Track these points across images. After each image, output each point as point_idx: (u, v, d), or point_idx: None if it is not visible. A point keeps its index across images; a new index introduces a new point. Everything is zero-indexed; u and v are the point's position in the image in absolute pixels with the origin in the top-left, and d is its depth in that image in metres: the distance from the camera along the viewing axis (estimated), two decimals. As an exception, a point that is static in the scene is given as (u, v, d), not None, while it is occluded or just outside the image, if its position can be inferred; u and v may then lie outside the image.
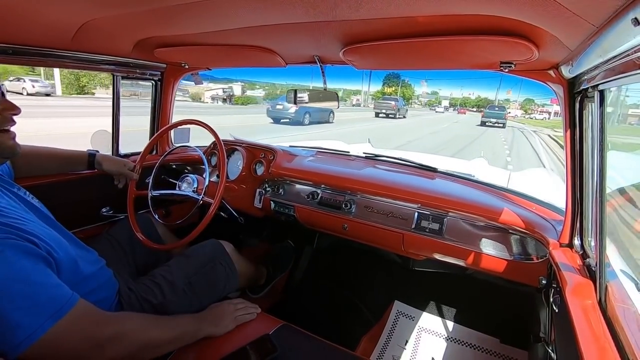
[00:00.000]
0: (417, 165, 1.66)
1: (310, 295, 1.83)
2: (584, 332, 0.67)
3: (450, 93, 77.17)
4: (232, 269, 1.26)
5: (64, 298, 0.69)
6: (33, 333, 0.63)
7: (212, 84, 25.76)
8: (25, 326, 0.62)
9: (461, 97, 72.17)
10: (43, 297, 0.66)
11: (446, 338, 1.56)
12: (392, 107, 22.20)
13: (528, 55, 0.84)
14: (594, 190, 0.89)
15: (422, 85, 65.18)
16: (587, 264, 0.92)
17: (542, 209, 1.27)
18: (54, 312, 0.66)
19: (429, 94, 70.71)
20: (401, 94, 51.80)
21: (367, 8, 0.72)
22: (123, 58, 1.40)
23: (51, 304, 0.66)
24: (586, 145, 0.92)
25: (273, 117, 14.15)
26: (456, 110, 55.15)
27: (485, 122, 22.35)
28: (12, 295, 0.62)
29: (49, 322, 0.65)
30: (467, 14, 0.70)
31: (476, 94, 71.13)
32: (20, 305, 0.63)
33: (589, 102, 0.87)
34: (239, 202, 1.74)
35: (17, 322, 0.62)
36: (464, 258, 1.33)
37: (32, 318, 0.63)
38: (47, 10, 0.86)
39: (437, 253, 1.40)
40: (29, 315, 0.63)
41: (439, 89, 73.14)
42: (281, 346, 0.95)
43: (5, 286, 0.62)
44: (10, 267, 0.63)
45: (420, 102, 63.81)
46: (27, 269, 0.66)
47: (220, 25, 0.96)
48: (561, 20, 0.60)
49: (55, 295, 0.68)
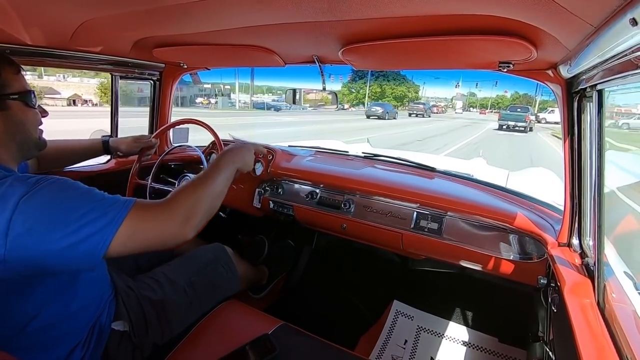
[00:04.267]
0: (416, 164, 1.67)
1: (309, 295, 1.83)
2: (582, 331, 0.67)
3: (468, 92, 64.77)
4: (233, 272, 1.26)
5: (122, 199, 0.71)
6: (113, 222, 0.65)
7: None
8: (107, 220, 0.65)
9: (494, 97, 60.33)
10: (109, 199, 0.69)
11: (445, 337, 1.56)
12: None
13: (526, 55, 0.84)
14: (592, 189, 0.90)
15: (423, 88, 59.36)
16: (585, 263, 0.92)
17: (541, 209, 1.27)
18: (123, 205, 0.68)
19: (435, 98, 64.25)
20: (394, 93, 48.72)
21: (366, 8, 0.72)
22: (121, 58, 1.40)
23: (118, 201, 0.69)
24: (584, 145, 0.92)
25: (368, 115, 24.54)
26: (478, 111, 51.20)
27: (502, 126, 19.19)
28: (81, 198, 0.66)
29: (124, 211, 0.67)
30: (465, 13, 0.70)
31: (510, 92, 56.24)
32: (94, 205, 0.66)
33: (588, 101, 0.88)
34: (238, 202, 1.73)
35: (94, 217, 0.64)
36: (462, 257, 1.33)
37: (110, 213, 0.66)
38: (45, 9, 0.86)
39: (436, 253, 1.40)
40: (104, 212, 0.65)
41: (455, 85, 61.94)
42: (280, 346, 0.95)
43: (74, 191, 0.66)
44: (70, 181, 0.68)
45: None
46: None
47: (218, 24, 0.95)
48: (559, 20, 0.60)
49: (117, 198, 0.70)
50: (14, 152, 0.77)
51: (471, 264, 1.32)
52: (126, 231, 0.66)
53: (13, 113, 0.75)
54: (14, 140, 0.76)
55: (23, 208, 0.60)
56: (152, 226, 0.70)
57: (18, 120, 0.76)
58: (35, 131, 0.82)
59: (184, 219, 0.74)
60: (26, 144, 0.80)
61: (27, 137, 0.80)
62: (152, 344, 0.97)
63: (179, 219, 0.73)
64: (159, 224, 0.71)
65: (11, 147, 0.76)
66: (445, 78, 64.45)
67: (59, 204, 0.63)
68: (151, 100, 1.76)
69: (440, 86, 69.61)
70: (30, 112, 0.79)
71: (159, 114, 1.76)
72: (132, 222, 0.67)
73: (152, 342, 0.97)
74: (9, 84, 0.74)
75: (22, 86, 0.78)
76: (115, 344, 0.89)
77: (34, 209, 0.61)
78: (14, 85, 0.75)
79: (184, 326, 1.05)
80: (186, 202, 0.76)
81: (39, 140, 0.84)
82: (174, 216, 0.73)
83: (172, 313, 1.02)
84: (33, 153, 0.85)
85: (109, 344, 0.87)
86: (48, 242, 0.61)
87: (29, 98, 0.78)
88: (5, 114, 0.74)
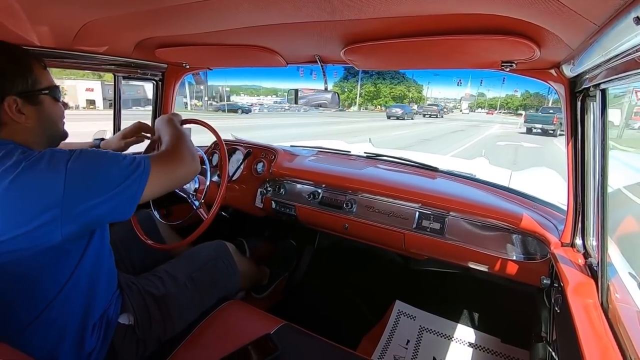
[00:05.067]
0: (419, 164, 1.66)
1: (311, 295, 1.83)
2: (586, 332, 0.67)
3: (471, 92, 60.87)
4: (233, 268, 1.27)
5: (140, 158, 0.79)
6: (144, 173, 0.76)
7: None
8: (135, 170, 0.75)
9: (504, 97, 56.32)
10: (131, 159, 0.77)
11: (447, 337, 1.56)
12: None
13: (529, 55, 0.84)
14: (595, 189, 0.89)
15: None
16: (588, 264, 0.92)
17: (544, 208, 1.27)
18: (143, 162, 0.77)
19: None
20: (392, 93, 47.10)
21: (368, 8, 0.72)
22: (124, 58, 1.40)
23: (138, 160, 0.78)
24: (587, 144, 0.92)
25: (388, 116, 26.94)
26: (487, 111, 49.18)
27: (532, 129, 17.27)
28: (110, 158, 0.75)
29: (147, 169, 0.77)
30: (468, 13, 0.70)
31: (520, 92, 52.29)
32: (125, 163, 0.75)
33: (591, 101, 0.87)
34: (240, 202, 1.74)
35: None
36: (465, 258, 1.32)
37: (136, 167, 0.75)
38: (48, 11, 0.86)
39: (439, 253, 1.40)
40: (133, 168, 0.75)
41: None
42: (282, 345, 0.95)
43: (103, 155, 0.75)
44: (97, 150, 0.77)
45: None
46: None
47: (221, 25, 0.95)
48: (562, 19, 0.60)
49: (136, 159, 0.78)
50: (43, 143, 0.81)
51: (473, 264, 1.32)
52: (154, 181, 0.77)
53: (45, 107, 0.79)
54: (45, 133, 0.81)
55: (72, 169, 0.68)
56: (174, 173, 0.84)
57: (48, 114, 0.81)
58: (61, 124, 0.87)
59: (192, 156, 0.89)
60: (53, 136, 0.85)
61: (56, 130, 0.85)
62: (156, 340, 0.98)
63: (189, 158, 0.88)
64: (179, 169, 0.85)
65: (42, 138, 0.80)
66: (449, 76, 62.35)
67: (99, 167, 0.72)
68: (154, 100, 1.76)
69: (447, 86, 67.91)
70: (58, 106, 0.84)
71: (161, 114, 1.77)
72: (156, 175, 0.78)
73: (156, 338, 0.98)
74: (39, 80, 0.78)
75: (50, 81, 0.82)
76: (121, 337, 0.91)
77: (81, 171, 0.69)
78: (43, 81, 0.79)
79: (187, 322, 1.06)
80: (183, 146, 0.90)
81: (64, 131, 0.89)
82: (185, 159, 0.87)
83: (174, 308, 1.03)
84: (57, 143, 0.89)
85: (115, 337, 0.89)
86: (99, 196, 0.70)
87: (57, 93, 0.83)
88: (38, 108, 0.78)
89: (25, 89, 0.75)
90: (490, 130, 20.21)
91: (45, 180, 0.66)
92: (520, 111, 41.16)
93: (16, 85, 0.73)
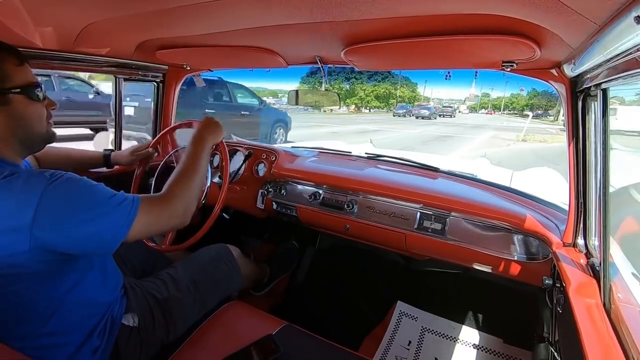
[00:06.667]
0: (419, 165, 1.66)
1: (313, 296, 1.83)
2: (588, 332, 0.67)
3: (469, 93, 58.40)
4: (236, 269, 1.27)
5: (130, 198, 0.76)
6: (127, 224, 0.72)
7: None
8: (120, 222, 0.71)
9: (508, 97, 51.67)
10: (120, 197, 0.74)
11: (449, 338, 1.56)
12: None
13: (530, 54, 0.84)
14: (597, 189, 0.89)
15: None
16: (590, 264, 0.91)
17: (545, 208, 1.27)
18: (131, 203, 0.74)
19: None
20: (375, 92, 40.86)
21: (368, 8, 0.72)
22: (125, 60, 1.40)
23: (127, 199, 0.75)
24: (589, 144, 0.92)
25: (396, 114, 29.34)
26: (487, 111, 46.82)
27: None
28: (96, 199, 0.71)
29: (134, 211, 0.73)
30: (468, 13, 0.70)
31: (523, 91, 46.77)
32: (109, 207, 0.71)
33: (592, 100, 0.87)
34: (241, 203, 1.74)
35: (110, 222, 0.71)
36: (466, 258, 1.32)
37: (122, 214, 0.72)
38: (50, 13, 0.87)
39: (440, 253, 1.39)
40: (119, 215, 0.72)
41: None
42: (284, 346, 0.95)
43: (91, 192, 0.71)
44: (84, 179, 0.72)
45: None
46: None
47: (221, 26, 0.96)
48: (563, 18, 0.60)
49: (125, 197, 0.76)
50: (16, 148, 0.74)
51: (475, 264, 1.32)
52: (139, 225, 0.73)
53: (14, 108, 0.71)
54: (16, 136, 0.73)
55: (46, 201, 0.63)
56: (160, 220, 0.80)
57: (19, 115, 0.72)
58: (40, 125, 0.78)
59: (184, 210, 0.85)
60: (29, 140, 0.76)
61: (30, 133, 0.76)
62: (159, 342, 0.98)
63: (181, 211, 0.84)
64: (166, 219, 0.81)
65: (13, 143, 0.73)
66: (449, 74, 61.26)
67: (78, 200, 0.68)
68: (154, 102, 1.76)
69: (449, 86, 64.36)
70: (34, 106, 0.75)
71: (162, 116, 1.77)
72: (142, 218, 0.74)
73: (159, 340, 0.98)
74: (10, 77, 0.70)
75: (26, 79, 0.73)
76: (125, 338, 0.91)
77: (56, 202, 0.65)
78: (16, 78, 0.71)
79: (189, 324, 1.06)
80: (183, 196, 0.86)
81: (47, 133, 0.81)
82: (176, 209, 0.83)
83: (177, 312, 1.03)
84: (40, 147, 0.82)
85: (119, 338, 0.89)
86: (71, 232, 0.66)
87: (32, 91, 0.74)
88: (5, 109, 0.70)
89: None
90: (474, 141, 13.77)
91: (17, 202, 0.63)
92: (527, 112, 38.82)
93: None
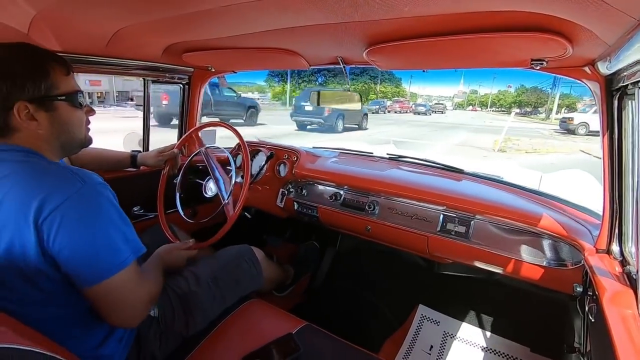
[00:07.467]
0: (443, 166, 1.63)
1: (333, 297, 1.83)
2: (623, 344, 0.63)
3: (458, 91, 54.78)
4: (258, 270, 1.29)
5: (125, 253, 0.77)
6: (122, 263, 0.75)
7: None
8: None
9: (495, 93, 47.86)
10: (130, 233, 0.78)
11: (473, 345, 1.52)
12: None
13: (561, 52, 0.80)
14: (634, 192, 0.84)
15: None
16: (627, 272, 0.86)
17: (577, 212, 1.21)
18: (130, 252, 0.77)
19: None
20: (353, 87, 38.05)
21: (391, 8, 0.72)
22: (153, 63, 1.45)
23: (133, 243, 0.78)
24: (625, 145, 0.87)
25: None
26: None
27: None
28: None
29: (131, 257, 0.77)
30: (495, 10, 0.68)
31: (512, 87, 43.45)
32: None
33: (629, 99, 0.82)
34: (263, 202, 1.76)
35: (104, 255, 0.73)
36: (491, 262, 1.28)
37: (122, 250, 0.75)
38: (84, 18, 0.91)
39: (463, 257, 1.36)
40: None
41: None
42: (304, 345, 0.96)
43: (112, 216, 0.75)
44: (112, 202, 0.76)
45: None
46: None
47: (244, 29, 0.97)
48: (597, 14, 0.57)
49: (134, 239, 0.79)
50: (56, 150, 0.80)
51: (501, 269, 1.27)
52: (125, 276, 0.76)
53: (59, 114, 0.77)
54: (59, 139, 0.79)
55: (64, 209, 0.68)
56: (136, 292, 0.80)
57: (63, 121, 0.78)
58: (80, 131, 0.84)
59: (147, 302, 0.85)
60: (69, 144, 0.83)
61: (71, 137, 0.82)
62: (179, 335, 1.01)
63: (145, 301, 0.84)
64: (139, 298, 0.82)
65: (55, 145, 0.79)
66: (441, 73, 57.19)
67: (92, 222, 0.72)
68: (180, 104, 1.82)
69: (437, 83, 62.55)
70: (76, 112, 0.81)
71: (187, 117, 1.82)
72: (127, 274, 0.76)
73: (179, 332, 1.01)
74: (57, 85, 0.76)
75: (71, 87, 0.79)
76: (146, 327, 0.94)
77: (72, 216, 0.69)
78: (62, 86, 0.76)
79: (209, 319, 1.08)
80: (147, 292, 0.85)
81: (85, 138, 0.87)
82: (144, 299, 0.84)
83: (196, 306, 1.05)
84: (76, 151, 0.88)
85: (140, 326, 0.91)
86: (73, 250, 0.69)
87: (75, 99, 0.80)
88: (51, 114, 0.76)
89: (37, 95, 0.72)
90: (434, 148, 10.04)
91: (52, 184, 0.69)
92: (515, 109, 37.32)
93: (27, 91, 0.71)
